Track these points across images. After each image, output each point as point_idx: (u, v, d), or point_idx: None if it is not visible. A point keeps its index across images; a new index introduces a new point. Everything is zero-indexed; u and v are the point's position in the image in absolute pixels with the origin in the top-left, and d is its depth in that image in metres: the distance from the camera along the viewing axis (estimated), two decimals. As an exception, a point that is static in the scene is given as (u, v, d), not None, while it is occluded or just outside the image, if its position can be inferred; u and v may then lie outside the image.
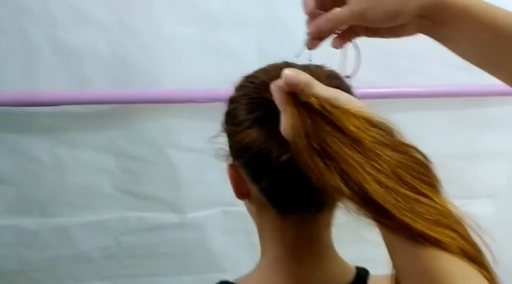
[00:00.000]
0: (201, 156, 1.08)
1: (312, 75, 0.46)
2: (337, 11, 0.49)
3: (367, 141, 0.41)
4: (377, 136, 0.42)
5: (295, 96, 0.43)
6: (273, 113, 0.46)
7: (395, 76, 1.10)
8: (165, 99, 1.03)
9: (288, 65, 0.55)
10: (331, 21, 0.50)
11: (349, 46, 0.55)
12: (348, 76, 0.55)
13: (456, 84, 1.10)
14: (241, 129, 0.50)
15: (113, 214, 1.16)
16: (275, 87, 0.43)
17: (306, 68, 0.52)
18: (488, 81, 0.54)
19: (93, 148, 1.09)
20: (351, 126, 0.41)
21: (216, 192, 1.14)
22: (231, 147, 0.55)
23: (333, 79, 0.53)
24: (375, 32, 0.53)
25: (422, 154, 0.41)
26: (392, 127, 0.42)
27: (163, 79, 1.04)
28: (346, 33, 0.54)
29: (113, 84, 1.03)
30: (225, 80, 1.05)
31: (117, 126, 1.08)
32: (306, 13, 0.52)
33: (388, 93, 1.05)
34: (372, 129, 0.41)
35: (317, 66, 0.54)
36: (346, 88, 0.52)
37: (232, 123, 0.53)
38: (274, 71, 0.52)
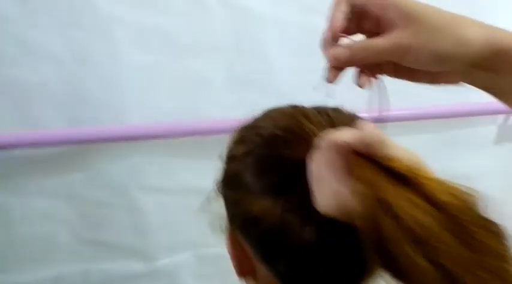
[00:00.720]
0: (169, 196, 1.03)
1: (335, 122, 0.41)
2: (378, 41, 0.40)
3: (465, 222, 0.30)
4: (469, 214, 0.31)
5: (365, 158, 0.33)
6: (292, 177, 0.39)
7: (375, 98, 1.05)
8: (127, 136, 0.93)
9: (295, 108, 0.47)
10: (367, 51, 0.41)
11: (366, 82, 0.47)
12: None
13: (437, 105, 1.06)
14: (248, 197, 0.42)
15: (73, 268, 1.04)
16: (335, 146, 0.34)
17: (321, 112, 0.45)
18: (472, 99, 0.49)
19: (46, 195, 0.99)
20: (445, 198, 0.31)
21: (187, 234, 1.07)
22: (233, 216, 0.46)
23: None
24: (409, 74, 0.44)
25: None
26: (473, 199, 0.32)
27: (125, 113, 0.95)
28: (370, 68, 0.45)
29: (68, 122, 0.93)
30: (195, 111, 0.98)
31: (73, 169, 0.98)
32: (331, 33, 0.43)
33: (371, 118, 1.00)
34: (459, 203, 0.31)
35: (336, 110, 0.47)
36: None
37: (234, 187, 0.44)
38: (282, 118, 0.45)
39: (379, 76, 0.45)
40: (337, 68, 0.43)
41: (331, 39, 0.43)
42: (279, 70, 0.95)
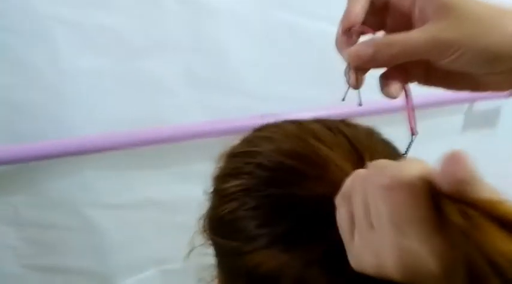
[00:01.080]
0: (126, 212, 0.94)
1: (355, 142, 0.36)
2: (412, 34, 0.33)
3: None
4: None
5: (458, 203, 0.23)
6: (310, 222, 0.32)
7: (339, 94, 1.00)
8: (76, 150, 0.82)
9: (297, 125, 0.41)
10: (398, 47, 0.33)
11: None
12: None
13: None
14: (253, 247, 0.34)
15: (23, 299, 0.93)
16: (405, 187, 0.24)
17: (332, 128, 0.39)
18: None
19: (-13, 220, 0.87)
20: None
21: (150, 251, 0.99)
22: (230, 269, 0.39)
23: (387, 145, 0.41)
24: (445, 78, 0.37)
25: None
26: None
27: (72, 125, 0.83)
28: (395, 74, 0.37)
29: (6, 138, 0.81)
30: (152, 117, 0.89)
31: (16, 190, 0.86)
32: (347, 27, 0.36)
33: (340, 113, 0.95)
34: None
35: (347, 124, 0.41)
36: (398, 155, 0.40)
37: (231, 235, 0.37)
38: (285, 140, 0.38)
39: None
40: (359, 69, 0.36)
41: (348, 36, 0.36)
42: (241, 67, 0.88)
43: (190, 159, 0.91)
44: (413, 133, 0.37)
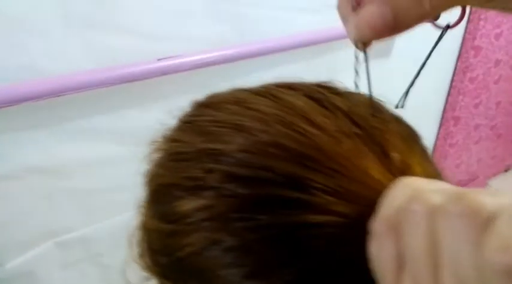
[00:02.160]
0: (7, 181, 0.80)
1: (360, 121, 0.26)
2: None
3: None
4: None
5: None
6: (322, 267, 0.23)
7: (245, 29, 0.91)
8: None
9: (263, 96, 0.30)
10: None
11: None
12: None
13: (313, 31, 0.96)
14: None
15: None
16: None
17: (325, 102, 0.28)
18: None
19: None
20: None
21: (39, 223, 0.86)
22: None
23: (400, 122, 0.32)
24: None
25: None
26: None
27: None
28: None
29: None
30: (25, 66, 0.72)
31: None
32: None
33: (245, 52, 0.87)
34: None
35: (337, 92, 0.31)
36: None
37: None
38: (262, 125, 0.27)
39: None
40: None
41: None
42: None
43: (74, 115, 0.78)
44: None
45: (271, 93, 0.30)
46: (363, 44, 0.26)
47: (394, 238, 0.21)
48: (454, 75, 1.59)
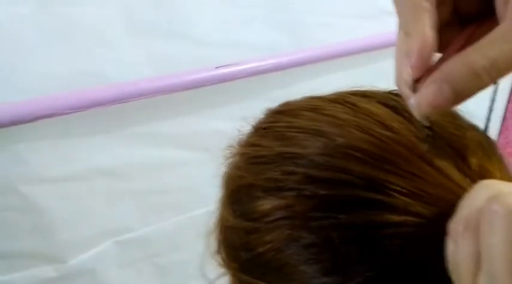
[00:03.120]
0: (68, 184, 0.82)
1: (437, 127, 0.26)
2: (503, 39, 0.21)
3: None
4: None
5: None
6: (401, 266, 0.24)
7: (301, 36, 0.91)
8: (4, 121, 0.69)
9: (338, 103, 0.31)
10: (494, 70, 0.21)
11: None
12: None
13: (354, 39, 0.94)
14: None
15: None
16: None
17: (400, 110, 0.29)
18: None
19: None
20: None
21: (101, 223, 0.90)
22: None
23: (475, 130, 0.32)
24: None
25: None
26: None
27: None
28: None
29: None
30: (88, 75, 0.76)
31: None
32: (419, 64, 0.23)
33: (298, 59, 0.87)
34: None
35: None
36: None
37: (272, 279, 0.28)
38: (339, 130, 0.28)
39: None
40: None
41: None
42: (189, 8, 0.76)
43: (135, 120, 0.81)
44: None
45: (345, 100, 0.31)
46: (427, 117, 0.26)
47: (473, 237, 0.21)
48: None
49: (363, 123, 0.28)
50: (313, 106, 0.31)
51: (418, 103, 0.23)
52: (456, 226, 0.23)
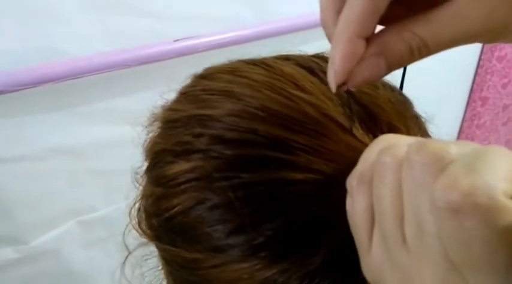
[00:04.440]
0: (27, 164, 0.81)
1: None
2: (456, 10, 0.21)
3: None
4: None
5: None
6: (301, 223, 0.24)
7: (261, 9, 0.89)
8: None
9: (255, 65, 0.30)
10: (437, 40, 0.22)
11: None
12: None
13: None
14: (215, 261, 0.26)
15: None
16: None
17: (316, 70, 0.29)
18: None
19: None
20: None
21: (62, 203, 0.88)
22: (182, 280, 0.30)
23: (396, 94, 0.32)
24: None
25: None
26: None
27: None
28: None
29: None
30: (42, 51, 0.73)
31: None
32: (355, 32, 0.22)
33: (261, 32, 0.85)
34: None
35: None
36: None
37: (182, 242, 0.27)
38: (251, 91, 0.27)
39: None
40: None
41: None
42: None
43: (93, 97, 0.79)
44: None
45: (265, 62, 0.31)
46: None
47: (366, 191, 0.22)
48: (481, 54, 1.54)
49: (275, 83, 0.28)
50: (231, 68, 0.31)
51: (353, 75, 0.22)
52: (352, 180, 0.23)
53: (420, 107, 0.33)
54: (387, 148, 0.21)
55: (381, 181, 0.20)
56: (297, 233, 0.25)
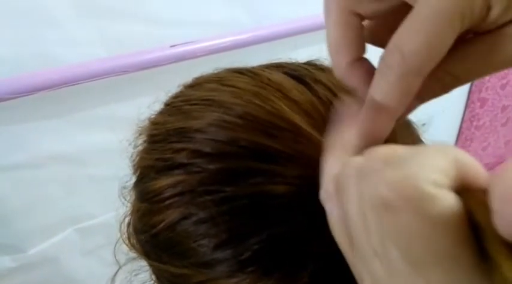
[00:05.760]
0: (23, 172, 0.80)
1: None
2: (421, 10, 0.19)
3: None
4: None
5: None
6: (288, 236, 0.23)
7: (259, 13, 0.89)
8: None
9: (241, 73, 0.30)
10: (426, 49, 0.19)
11: None
12: None
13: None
14: (202, 277, 0.25)
15: None
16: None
17: (306, 78, 0.28)
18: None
19: None
20: None
21: (60, 211, 0.87)
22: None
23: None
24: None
25: None
26: None
27: None
28: None
29: None
30: (38, 58, 0.73)
31: None
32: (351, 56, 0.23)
33: (259, 36, 0.85)
34: None
35: (322, 69, 0.31)
36: None
37: (169, 258, 0.27)
38: (233, 99, 0.27)
39: None
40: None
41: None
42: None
43: (90, 103, 0.78)
44: None
45: (252, 71, 0.30)
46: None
47: (337, 203, 0.21)
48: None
49: (259, 91, 0.27)
50: (219, 78, 0.31)
51: (362, 126, 0.22)
52: (322, 192, 0.22)
53: (419, 109, 0.32)
54: (351, 159, 0.20)
55: (345, 193, 0.20)
56: (284, 246, 0.24)
